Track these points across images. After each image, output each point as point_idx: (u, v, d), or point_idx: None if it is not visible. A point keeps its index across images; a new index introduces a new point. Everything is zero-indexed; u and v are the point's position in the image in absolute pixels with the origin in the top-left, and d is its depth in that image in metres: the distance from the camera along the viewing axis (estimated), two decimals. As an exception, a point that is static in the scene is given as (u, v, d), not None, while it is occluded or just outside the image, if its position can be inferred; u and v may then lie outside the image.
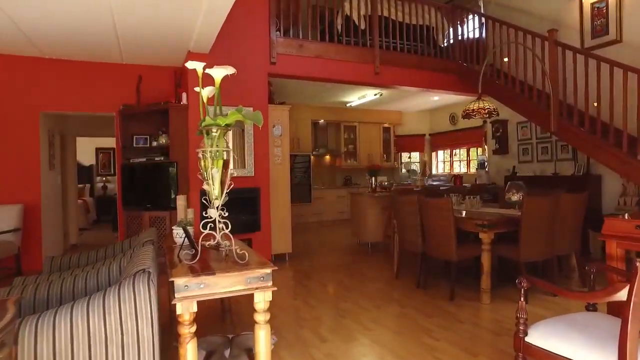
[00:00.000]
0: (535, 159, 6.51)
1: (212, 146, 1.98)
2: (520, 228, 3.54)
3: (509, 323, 3.12)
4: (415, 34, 6.41)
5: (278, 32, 5.49)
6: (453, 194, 4.82)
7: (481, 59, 6.38)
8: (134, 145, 5.52)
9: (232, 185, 2.07)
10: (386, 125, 10.34)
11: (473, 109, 4.30)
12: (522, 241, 3.54)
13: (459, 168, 9.59)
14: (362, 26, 6.01)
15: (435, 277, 4.39)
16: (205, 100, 2.07)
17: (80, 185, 10.34)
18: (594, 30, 5.63)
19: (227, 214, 2.04)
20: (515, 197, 4.01)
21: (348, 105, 9.25)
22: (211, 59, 5.32)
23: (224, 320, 3.31)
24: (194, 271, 1.84)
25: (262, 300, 1.96)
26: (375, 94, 7.94)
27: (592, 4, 5.64)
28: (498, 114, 4.32)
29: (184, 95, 5.08)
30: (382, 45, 6.11)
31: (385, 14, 6.19)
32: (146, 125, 5.61)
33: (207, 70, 2.03)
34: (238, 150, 5.33)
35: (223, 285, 1.87)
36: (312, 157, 9.36)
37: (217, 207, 2.02)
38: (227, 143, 2.05)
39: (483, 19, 6.36)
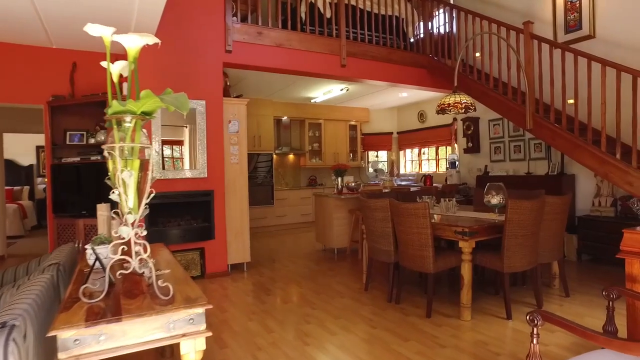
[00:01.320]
0: (507, 158, 6.27)
1: (124, 141, 1.45)
2: (503, 235, 3.17)
3: (496, 346, 2.74)
4: (384, 25, 6.01)
5: (235, 18, 4.94)
6: (426, 195, 4.43)
7: (452, 53, 6.07)
8: (67, 142, 4.81)
9: (153, 193, 1.54)
10: (353, 122, 9.94)
11: (449, 103, 3.92)
12: (505, 250, 3.18)
13: (428, 167, 9.32)
14: (328, 14, 5.55)
15: (408, 290, 3.99)
16: (116, 80, 1.53)
17: (17, 188, 9.33)
18: (567, 24, 5.42)
19: (145, 233, 1.51)
20: (495, 200, 3.66)
21: (313, 101, 8.78)
22: (156, 45, 4.72)
23: None
24: (90, 316, 1.30)
25: (191, 350, 1.44)
26: (341, 89, 7.50)
27: (565, -2, 5.42)
28: (475, 109, 3.97)
29: (125, 85, 4.43)
30: (350, 36, 5.67)
31: (353, 2, 5.75)
32: (82, 120, 4.91)
33: (117, 38, 1.48)
34: (189, 149, 4.75)
35: (135, 334, 1.34)
36: (274, 155, 8.82)
37: (133, 224, 1.48)
38: (145, 136, 1.51)
39: (454, 11, 6.03)
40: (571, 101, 4.98)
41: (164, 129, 4.55)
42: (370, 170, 10.06)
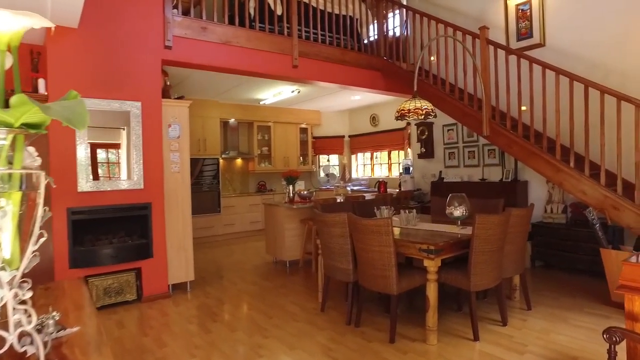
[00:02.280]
0: (462, 164, 6.23)
1: (-2, 165, 1.01)
2: (470, 251, 2.98)
3: (467, 377, 2.51)
4: (338, 25, 5.75)
5: (175, 10, 4.45)
6: (384, 206, 4.18)
7: (407, 56, 5.92)
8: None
9: (44, 238, 1.10)
10: (303, 125, 9.63)
11: (409, 109, 3.70)
12: (472, 267, 2.98)
13: (380, 172, 9.20)
14: (279, 11, 5.19)
15: (368, 309, 3.71)
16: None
17: None
18: (519, 32, 5.43)
19: (30, 294, 1.07)
20: (458, 212, 3.47)
21: (262, 102, 8.35)
22: (82, 36, 4.12)
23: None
24: None
25: None
26: (292, 91, 7.15)
27: (516, 5, 5.43)
28: (435, 115, 3.78)
29: (42, 82, 3.81)
30: (302, 35, 5.34)
31: (305, -1, 5.43)
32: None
33: (-15, 17, 1.03)
34: (126, 155, 4.20)
35: None
36: (221, 160, 8.30)
37: (11, 283, 1.04)
38: (32, 157, 1.08)
39: (409, 13, 5.88)
40: (524, 108, 4.97)
41: (95, 131, 3.99)
42: (322, 174, 9.80)
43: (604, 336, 1.48)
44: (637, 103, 3.70)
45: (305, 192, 5.77)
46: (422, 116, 3.70)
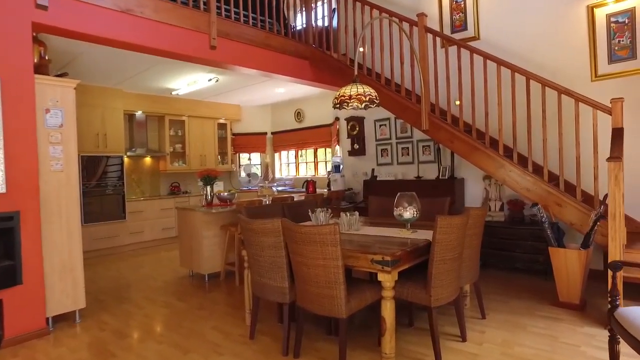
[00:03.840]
0: (395, 161, 5.90)
1: None
2: (431, 260, 2.53)
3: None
4: (263, 5, 5.09)
5: (55, -38, 3.47)
6: (320, 209, 3.63)
7: (339, 45, 5.44)
8: None
9: None
10: (222, 120, 8.77)
11: (350, 95, 3.18)
12: (433, 278, 2.54)
13: (306, 171, 8.68)
14: (193, -19, 4.39)
15: (309, 334, 3.11)
16: None
17: None
18: (453, 24, 5.24)
19: None
20: (408, 214, 3.03)
21: (175, 93, 7.36)
22: None
23: None
24: None
25: None
26: (209, 79, 6.33)
27: (450, -4, 5.22)
28: (379, 103, 3.31)
29: None
30: (221, 13, 4.60)
31: (224, -30, 4.69)
32: None
33: None
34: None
35: None
36: (126, 158, 7.18)
37: None
38: None
39: (340, -2, 5.41)
40: (458, 102, 4.76)
41: None
42: (243, 174, 9.03)
43: None
44: (577, 97, 3.58)
45: (226, 193, 5.02)
46: (365, 103, 3.20)
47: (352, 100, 3.20)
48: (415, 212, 3.05)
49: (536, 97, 3.96)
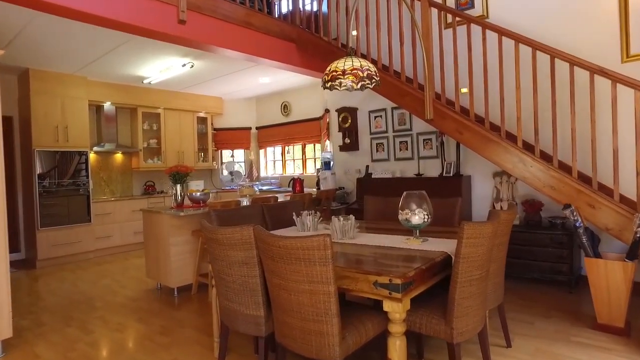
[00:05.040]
0: (392, 157, 5.27)
1: None
2: (453, 282, 1.90)
3: None
4: (241, -24, 4.43)
5: None
6: (307, 212, 2.99)
7: (329, 28, 4.80)
8: None
9: None
10: (202, 114, 8.07)
11: (344, 70, 2.54)
12: (457, 306, 1.91)
13: (294, 169, 8.02)
14: (156, -58, 3.71)
15: (288, 366, 2.47)
16: None
17: None
18: (457, 2, 4.62)
19: None
20: (417, 218, 2.40)
21: (147, 82, 6.64)
22: None
23: None
24: None
25: None
26: (184, 65, 5.63)
27: (454, -30, 4.61)
28: (379, 82, 2.67)
29: None
30: (191, -19, 3.93)
31: None
32: None
33: None
34: None
35: None
36: (92, 155, 6.45)
37: None
38: None
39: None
40: (464, 90, 4.18)
41: None
42: (225, 173, 8.34)
43: None
44: (616, 76, 2.99)
45: (199, 193, 4.34)
46: (363, 79, 2.56)
47: (346, 77, 2.56)
48: (425, 217, 2.42)
49: (561, 80, 3.37)
